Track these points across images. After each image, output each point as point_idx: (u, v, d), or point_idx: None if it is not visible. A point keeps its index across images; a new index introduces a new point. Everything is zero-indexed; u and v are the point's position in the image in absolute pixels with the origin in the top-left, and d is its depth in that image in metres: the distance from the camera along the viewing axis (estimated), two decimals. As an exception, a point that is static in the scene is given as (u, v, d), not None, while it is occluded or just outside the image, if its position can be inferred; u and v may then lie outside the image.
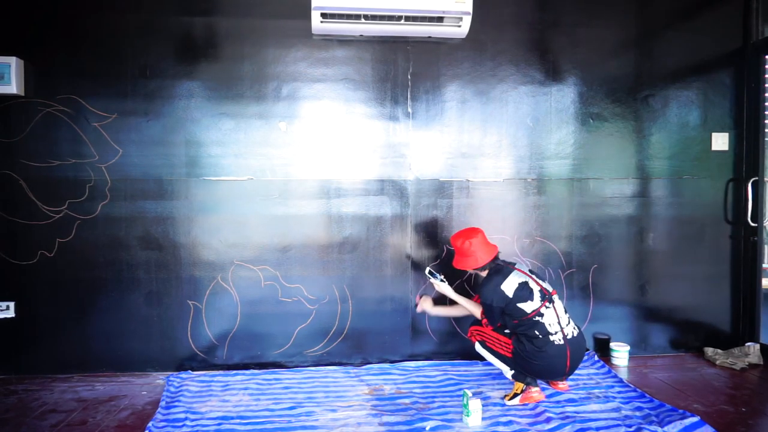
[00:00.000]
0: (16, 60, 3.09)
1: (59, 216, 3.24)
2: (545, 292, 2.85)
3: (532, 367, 2.79)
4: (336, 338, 3.44)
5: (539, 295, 2.83)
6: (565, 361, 2.77)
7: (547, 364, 2.76)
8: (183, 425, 2.56)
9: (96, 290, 3.27)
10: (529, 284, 2.85)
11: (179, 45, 3.28)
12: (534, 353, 2.75)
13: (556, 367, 2.78)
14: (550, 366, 2.77)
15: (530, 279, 2.88)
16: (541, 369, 2.79)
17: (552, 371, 2.82)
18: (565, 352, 2.76)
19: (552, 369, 2.79)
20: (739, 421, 2.64)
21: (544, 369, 2.79)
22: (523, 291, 2.82)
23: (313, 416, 2.67)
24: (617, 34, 3.58)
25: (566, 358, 2.77)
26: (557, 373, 2.83)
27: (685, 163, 3.64)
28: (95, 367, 3.28)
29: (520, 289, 2.82)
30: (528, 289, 2.84)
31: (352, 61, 3.39)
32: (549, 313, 2.81)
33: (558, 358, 2.76)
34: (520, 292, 2.82)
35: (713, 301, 3.70)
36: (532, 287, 2.85)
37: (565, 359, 2.77)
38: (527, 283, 2.85)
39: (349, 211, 3.42)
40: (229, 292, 3.35)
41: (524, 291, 2.83)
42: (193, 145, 3.30)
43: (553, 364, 2.77)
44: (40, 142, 3.20)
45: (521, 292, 2.82)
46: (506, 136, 3.51)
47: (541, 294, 2.84)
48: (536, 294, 2.83)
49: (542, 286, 2.87)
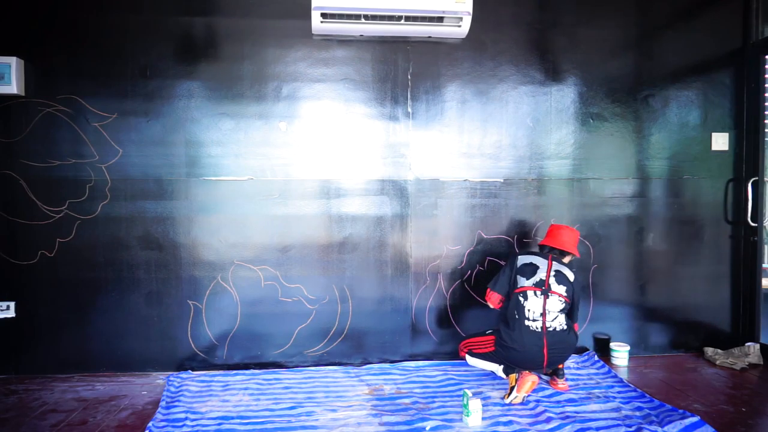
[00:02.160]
0: (16, 60, 3.10)
1: (59, 216, 3.24)
2: (545, 284, 2.93)
3: (509, 354, 2.88)
4: (336, 338, 3.44)
5: (536, 280, 2.94)
6: (541, 350, 2.84)
7: (523, 349, 2.84)
8: (183, 425, 2.56)
9: (96, 290, 3.27)
10: (539, 270, 2.98)
11: (179, 45, 3.28)
12: (508, 335, 2.88)
13: (531, 353, 2.85)
14: (525, 351, 2.85)
15: (546, 270, 2.97)
16: (517, 355, 2.87)
17: (529, 358, 2.86)
18: (541, 339, 2.84)
19: (528, 355, 2.86)
20: (739, 421, 2.64)
21: (520, 355, 2.86)
22: (528, 268, 2.99)
23: (313, 416, 2.67)
24: (617, 34, 3.58)
25: (542, 347, 2.84)
26: (535, 361, 2.87)
27: (685, 163, 3.65)
28: (95, 366, 3.29)
29: (528, 265, 3.01)
30: (533, 271, 2.98)
31: (352, 61, 3.39)
32: (534, 301, 2.90)
33: (533, 345, 2.84)
34: (525, 267, 3.00)
35: (713, 301, 3.70)
36: (539, 273, 2.97)
37: (540, 348, 2.84)
38: (538, 267, 2.99)
39: (349, 211, 3.42)
40: (229, 292, 3.35)
41: (528, 269, 2.99)
42: (193, 145, 3.30)
43: (528, 350, 2.85)
44: (41, 142, 3.20)
45: (526, 267, 3.00)
46: (506, 136, 3.51)
47: (540, 282, 2.93)
48: (535, 278, 2.95)
49: (548, 280, 2.94)
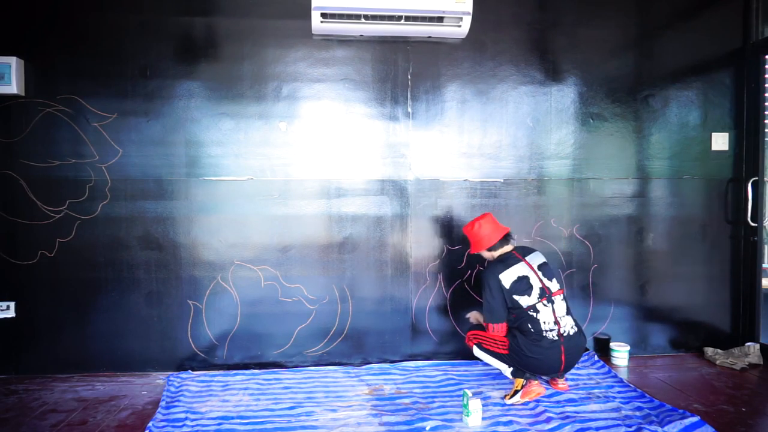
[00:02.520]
0: (16, 60, 3.10)
1: (59, 216, 3.24)
2: (546, 291, 2.85)
3: (527, 361, 2.79)
4: (336, 338, 3.44)
5: (538, 292, 2.84)
6: (560, 356, 2.78)
7: (541, 356, 2.76)
8: (183, 425, 2.56)
9: (96, 290, 3.27)
10: (530, 279, 2.86)
11: (179, 45, 3.28)
12: (527, 346, 2.76)
13: (550, 360, 2.78)
14: (544, 359, 2.77)
15: (533, 274, 2.88)
16: (536, 362, 2.79)
17: (547, 365, 2.81)
18: (559, 347, 2.77)
19: (546, 362, 2.79)
20: (739, 421, 2.64)
21: (539, 362, 2.78)
22: (520, 284, 2.84)
23: (313, 416, 2.67)
24: (617, 34, 3.58)
25: (560, 353, 2.77)
26: (552, 367, 2.82)
27: (685, 163, 3.65)
28: (95, 366, 3.29)
29: (517, 281, 2.85)
30: (527, 283, 2.85)
31: (352, 61, 3.39)
32: (545, 311, 2.82)
33: (551, 352, 2.77)
34: (517, 284, 2.85)
35: (713, 301, 3.70)
36: (533, 283, 2.85)
37: (559, 354, 2.77)
38: (528, 277, 2.86)
39: (349, 211, 3.42)
40: (229, 292, 3.35)
41: (522, 284, 2.84)
42: (193, 145, 3.30)
43: (547, 357, 2.77)
44: (41, 142, 3.20)
45: (518, 284, 2.84)
46: (506, 136, 3.51)
47: (541, 291, 2.84)
48: (535, 290, 2.84)
49: (544, 284, 2.87)
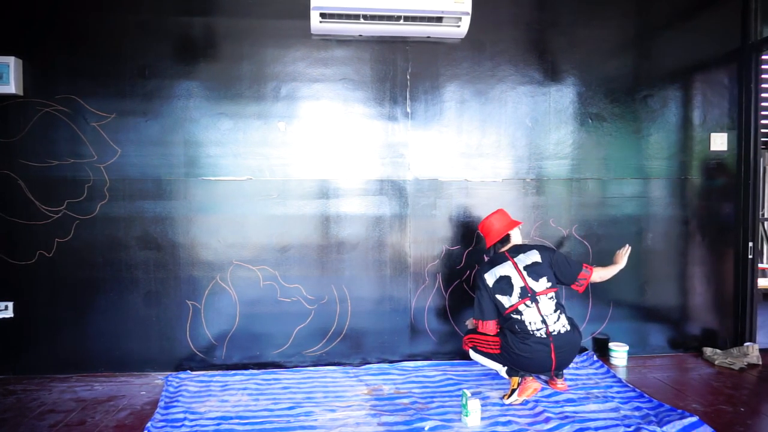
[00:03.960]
0: (14, 60, 3.09)
1: (58, 216, 3.23)
2: (528, 290, 2.84)
3: (517, 360, 2.81)
4: (335, 338, 3.43)
5: (519, 292, 2.84)
6: (549, 355, 2.79)
7: (530, 355, 2.78)
8: (182, 425, 2.56)
9: (95, 290, 3.26)
10: (512, 279, 2.87)
11: (178, 45, 3.28)
12: (516, 344, 2.79)
13: (540, 359, 2.79)
14: (534, 357, 2.78)
15: (517, 274, 2.88)
16: (527, 361, 2.80)
17: (537, 363, 2.81)
18: (548, 345, 2.78)
19: (537, 361, 2.80)
20: (738, 421, 2.64)
21: (529, 360, 2.80)
22: (501, 284, 2.87)
23: (312, 416, 2.67)
24: (616, 34, 3.58)
25: (550, 351, 2.78)
26: (543, 366, 2.83)
27: (684, 163, 3.65)
28: (94, 367, 3.28)
29: (499, 281, 2.88)
30: (508, 283, 2.86)
31: (351, 61, 3.39)
32: (529, 312, 2.82)
33: (540, 350, 2.78)
34: (498, 284, 2.88)
35: (712, 301, 3.70)
36: (514, 283, 2.86)
37: (548, 353, 2.78)
38: (509, 277, 2.87)
39: (347, 211, 3.42)
40: (228, 292, 3.35)
41: (502, 284, 2.87)
42: (192, 145, 3.30)
43: (536, 356, 2.78)
44: (39, 142, 3.20)
45: (499, 284, 2.88)
46: (505, 136, 3.51)
47: (522, 291, 2.84)
48: (516, 291, 2.84)
49: (527, 284, 2.85)
